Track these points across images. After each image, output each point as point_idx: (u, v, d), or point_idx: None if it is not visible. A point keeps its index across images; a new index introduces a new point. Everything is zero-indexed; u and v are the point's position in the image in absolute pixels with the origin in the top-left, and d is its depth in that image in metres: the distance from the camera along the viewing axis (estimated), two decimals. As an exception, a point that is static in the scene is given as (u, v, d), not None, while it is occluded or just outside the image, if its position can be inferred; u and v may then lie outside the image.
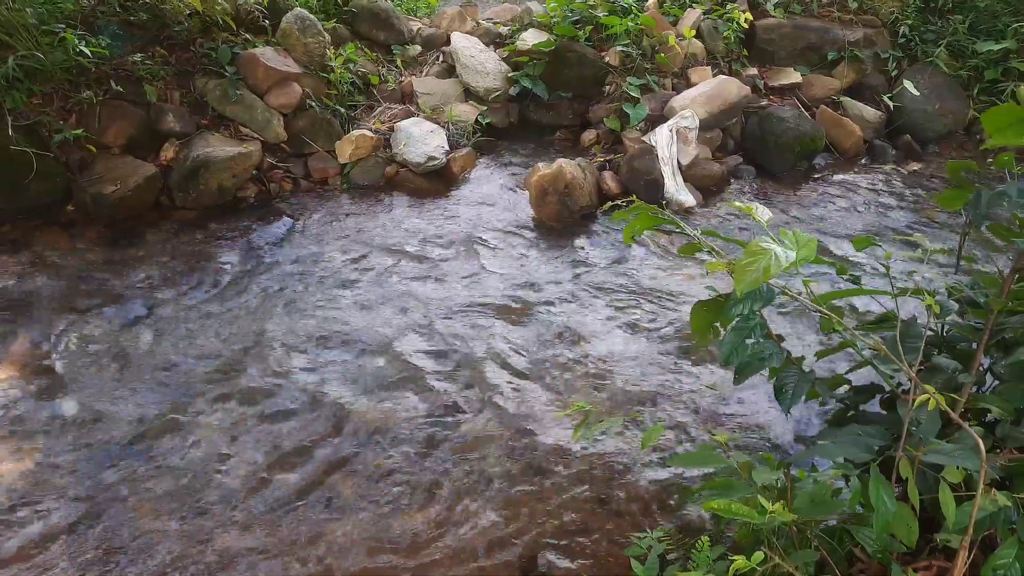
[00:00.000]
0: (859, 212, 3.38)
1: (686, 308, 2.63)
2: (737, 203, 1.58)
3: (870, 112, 3.88)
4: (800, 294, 1.43)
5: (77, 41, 2.98)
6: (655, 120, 3.77)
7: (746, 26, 4.02)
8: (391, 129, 3.77)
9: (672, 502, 1.86)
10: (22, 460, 1.96)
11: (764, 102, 3.93)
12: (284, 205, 3.36)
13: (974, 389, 1.40)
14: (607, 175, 3.55)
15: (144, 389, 2.23)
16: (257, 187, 3.42)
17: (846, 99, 3.93)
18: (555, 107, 4.10)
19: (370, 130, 3.72)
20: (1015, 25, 3.66)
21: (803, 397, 1.43)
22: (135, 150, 3.25)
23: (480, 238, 3.14)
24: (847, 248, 3.03)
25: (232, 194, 3.30)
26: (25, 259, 2.83)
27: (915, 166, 3.74)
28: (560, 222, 3.29)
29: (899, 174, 3.69)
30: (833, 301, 1.56)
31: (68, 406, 2.15)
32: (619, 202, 1.61)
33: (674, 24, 4.15)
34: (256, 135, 3.47)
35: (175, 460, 1.97)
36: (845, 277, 1.54)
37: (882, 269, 2.22)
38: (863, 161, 3.83)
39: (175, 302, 2.64)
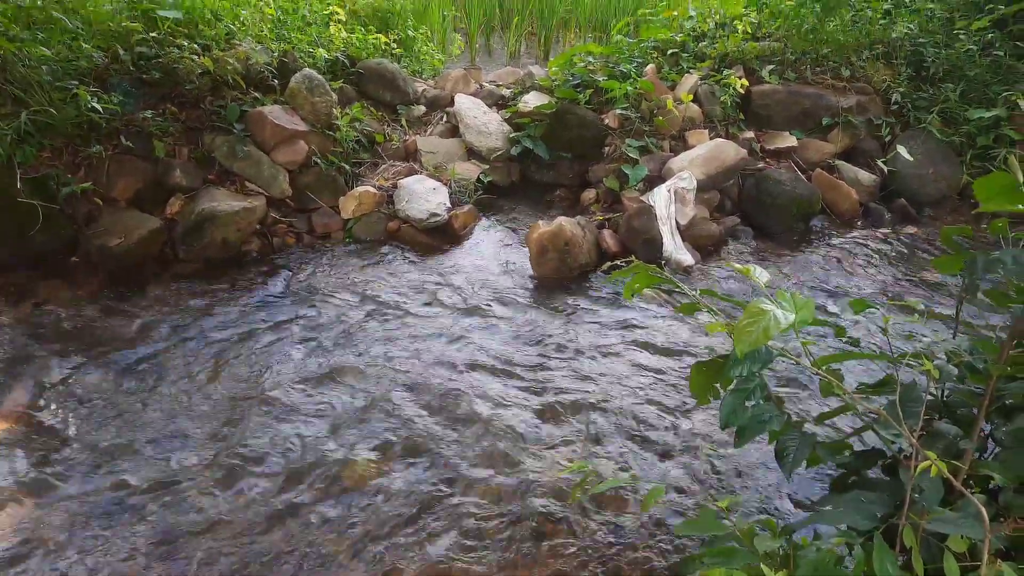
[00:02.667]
0: (857, 274, 3.40)
1: (685, 366, 2.62)
2: (736, 264, 1.60)
3: (865, 176, 3.95)
4: (799, 356, 1.43)
5: (89, 97, 3.05)
6: (654, 181, 3.84)
7: (742, 91, 4.12)
8: (394, 186, 3.83)
9: (671, 568, 1.81)
10: (12, 515, 1.92)
11: (761, 165, 4.00)
12: (286, 259, 3.39)
13: (976, 455, 1.38)
14: (606, 233, 3.59)
15: (138, 444, 2.20)
16: (260, 241, 3.45)
17: (841, 163, 4.00)
18: (555, 167, 4.18)
19: (374, 186, 3.78)
20: (1004, 94, 3.76)
21: (804, 461, 1.41)
22: (142, 204, 3.30)
23: (480, 294, 3.15)
24: (845, 309, 3.04)
25: (236, 248, 3.33)
26: (26, 309, 2.83)
27: (911, 229, 3.79)
28: (560, 279, 3.31)
29: (896, 237, 3.73)
30: (832, 364, 1.56)
31: (60, 459, 2.12)
32: (619, 262, 1.63)
33: (672, 88, 4.26)
34: (261, 190, 3.53)
35: (169, 518, 1.93)
36: (844, 339, 1.54)
37: (880, 331, 2.25)
38: (859, 224, 3.88)
39: (173, 355, 2.63)
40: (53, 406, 2.34)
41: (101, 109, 3.09)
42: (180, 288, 3.06)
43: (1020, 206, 1.33)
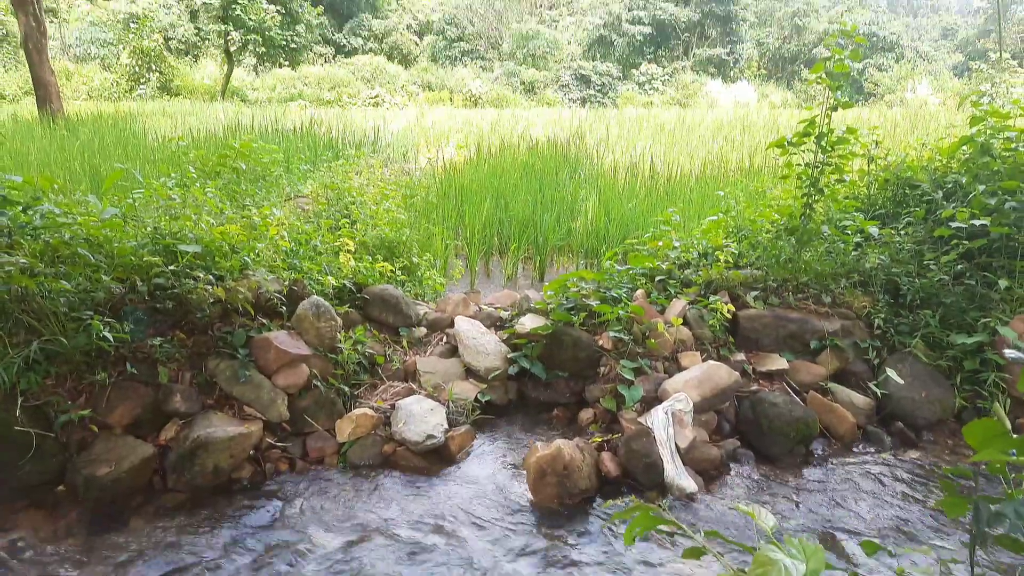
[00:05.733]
0: (864, 503, 3.30)
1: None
2: (741, 506, 1.58)
3: (859, 399, 3.99)
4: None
5: (102, 327, 3.17)
6: (650, 401, 3.87)
7: (729, 316, 4.30)
8: (392, 407, 3.84)
9: None
10: None
11: (755, 387, 4.06)
12: (277, 487, 3.29)
13: None
14: (606, 456, 3.54)
15: None
16: (252, 467, 3.38)
17: (834, 385, 4.06)
18: (552, 386, 4.23)
19: (371, 408, 3.79)
20: (983, 320, 3.92)
21: None
22: (137, 429, 3.28)
23: (475, 525, 3.03)
24: (855, 547, 2.91)
25: (227, 475, 3.26)
26: (2, 545, 2.70)
27: (913, 454, 3.74)
28: (559, 505, 3.20)
29: (898, 462, 3.67)
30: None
31: None
32: (619, 501, 1.60)
33: (662, 312, 4.46)
34: (259, 414, 3.53)
35: None
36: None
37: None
38: (860, 447, 3.84)
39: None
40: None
41: (112, 338, 3.19)
42: (165, 522, 2.94)
43: (1012, 453, 1.35)
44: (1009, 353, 1.53)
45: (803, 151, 4.58)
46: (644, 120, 20.86)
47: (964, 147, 4.65)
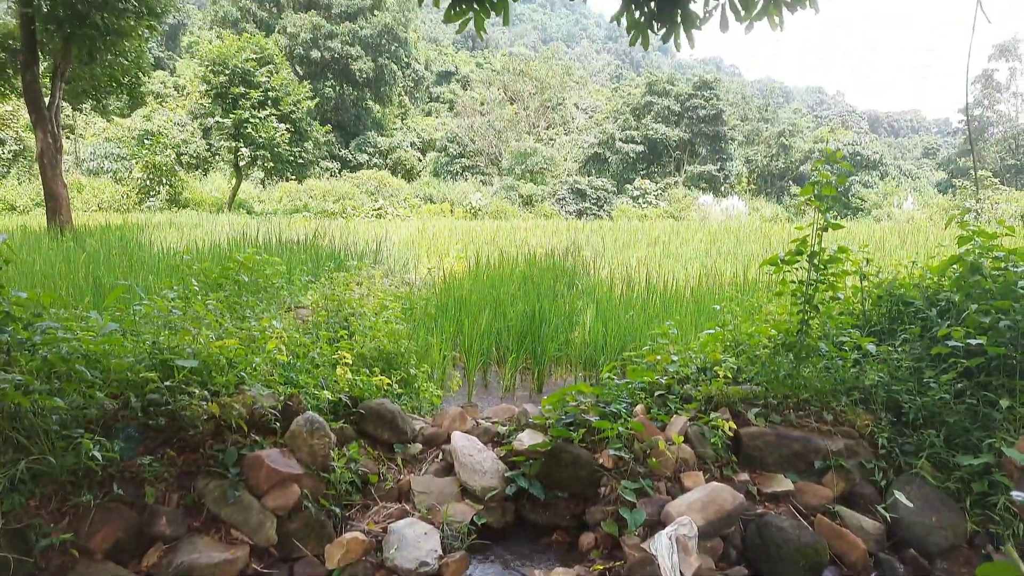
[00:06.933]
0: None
1: None
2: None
3: (869, 523, 3.85)
4: None
5: (92, 446, 3.11)
6: (653, 525, 3.73)
7: (731, 434, 4.24)
8: (384, 530, 3.70)
9: None
10: None
11: (760, 509, 3.93)
12: (260, 618, 3.12)
13: None
14: (608, 588, 3.37)
15: None
16: (235, 597, 3.21)
17: (842, 508, 3.93)
18: (551, 507, 4.09)
19: (363, 532, 3.65)
20: (988, 441, 3.86)
21: None
22: (119, 555, 3.13)
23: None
24: None
25: (208, 608, 3.09)
26: None
27: (929, 584, 3.57)
28: (559, 644, 3.02)
29: (914, 592, 3.50)
30: None
31: None
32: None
33: (663, 429, 4.38)
34: (247, 538, 3.39)
35: None
36: None
37: None
38: (873, 576, 3.67)
39: None
40: None
41: (101, 457, 3.12)
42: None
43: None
44: (1016, 495, 1.50)
45: (796, 268, 4.67)
46: (639, 232, 21.43)
47: (954, 265, 4.74)
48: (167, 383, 3.57)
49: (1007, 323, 4.05)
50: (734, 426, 4.28)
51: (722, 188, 46.17)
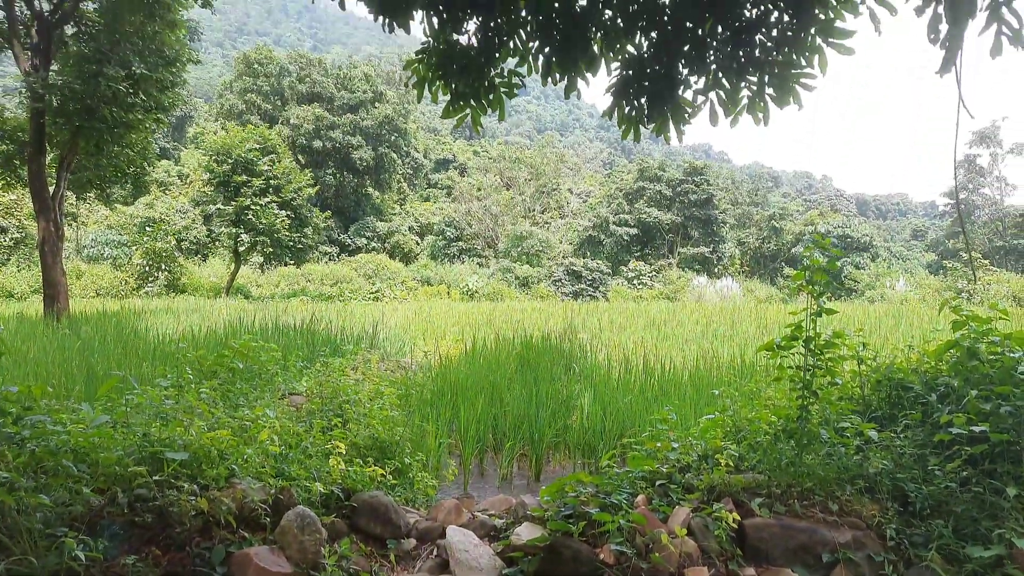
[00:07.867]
0: None
1: None
2: None
3: (882, 621, 3.69)
4: None
5: (75, 545, 3.00)
6: (657, 626, 3.56)
7: (735, 525, 4.12)
8: (376, 634, 3.53)
9: None
10: None
11: (769, 608, 3.77)
12: None
13: None
14: None
15: None
16: None
17: (853, 605, 3.78)
18: (551, 607, 3.92)
19: (354, 635, 3.48)
20: (997, 531, 3.75)
21: None
22: (94, 664, 2.98)
23: None
24: None
25: None
26: None
27: None
28: None
29: None
30: None
31: None
32: None
33: (665, 521, 4.25)
34: (230, 644, 3.23)
35: None
36: None
37: None
38: None
39: None
40: None
41: (84, 557, 3.01)
42: None
43: None
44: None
45: (793, 354, 4.67)
46: (635, 313, 21.53)
47: (951, 350, 4.75)
48: (156, 477, 3.48)
49: (1008, 408, 4.02)
50: (738, 517, 4.16)
51: (715, 269, 46.78)
